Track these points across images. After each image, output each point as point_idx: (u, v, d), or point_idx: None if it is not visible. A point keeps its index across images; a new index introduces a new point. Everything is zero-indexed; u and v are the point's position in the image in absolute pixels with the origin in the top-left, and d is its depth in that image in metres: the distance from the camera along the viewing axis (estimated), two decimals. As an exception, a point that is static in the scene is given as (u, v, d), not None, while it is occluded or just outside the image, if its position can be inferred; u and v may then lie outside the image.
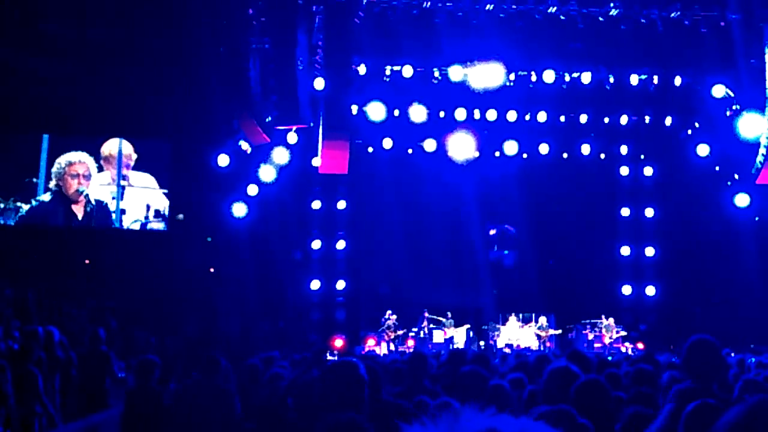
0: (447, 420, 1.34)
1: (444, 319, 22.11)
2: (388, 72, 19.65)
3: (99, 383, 10.20)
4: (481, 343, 22.14)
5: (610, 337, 21.78)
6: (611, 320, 22.07)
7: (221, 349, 13.05)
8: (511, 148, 22.50)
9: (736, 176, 20.63)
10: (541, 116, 21.30)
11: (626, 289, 24.08)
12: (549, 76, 19.56)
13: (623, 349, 21.22)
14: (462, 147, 22.08)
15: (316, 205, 22.81)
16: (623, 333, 22.06)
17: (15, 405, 7.44)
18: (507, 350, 19.42)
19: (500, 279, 24.44)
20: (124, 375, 11.03)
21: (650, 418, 4.01)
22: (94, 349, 10.41)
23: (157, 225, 21.15)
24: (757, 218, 21.25)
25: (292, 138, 19.79)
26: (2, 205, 20.46)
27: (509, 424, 1.34)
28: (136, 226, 21.05)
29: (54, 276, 18.60)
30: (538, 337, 22.07)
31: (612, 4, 18.13)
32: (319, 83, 17.75)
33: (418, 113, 20.72)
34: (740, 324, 19.86)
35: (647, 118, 22.05)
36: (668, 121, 22.00)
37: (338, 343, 20.87)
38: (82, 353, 10.65)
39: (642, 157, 24.17)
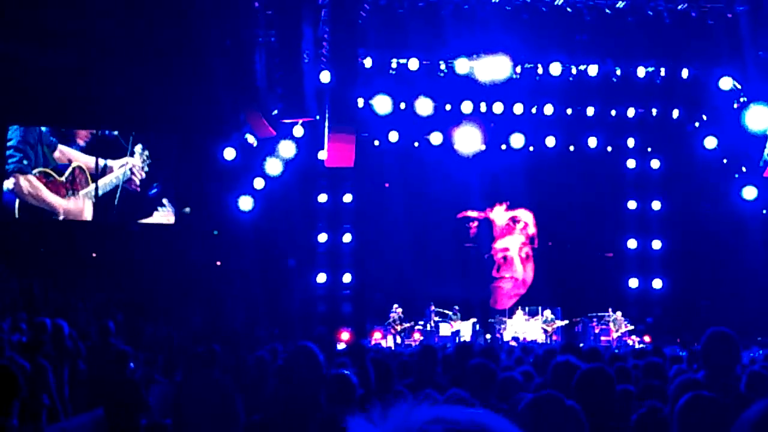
0: (397, 413, 1.34)
1: (450, 312, 22.10)
2: (394, 65, 19.62)
3: (107, 376, 10.20)
4: (488, 336, 22.12)
5: (617, 330, 21.74)
6: (619, 314, 22.02)
7: (227, 342, 13.07)
8: (517, 141, 22.46)
9: (744, 169, 20.58)
10: (548, 109, 21.25)
11: (633, 282, 24.03)
12: (555, 68, 19.49)
13: (630, 342, 21.20)
14: (468, 140, 22.05)
15: (323, 198, 22.79)
16: (631, 327, 22.02)
17: (24, 397, 7.45)
18: (513, 343, 19.40)
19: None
20: (133, 367, 11.04)
21: (664, 414, 3.99)
22: (103, 342, 10.43)
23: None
24: (764, 211, 21.20)
25: (298, 131, 19.78)
26: None
27: (456, 412, 1.35)
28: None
29: (61, 269, 18.64)
30: (545, 330, 22.05)
31: (618, -4, 18.07)
32: (325, 76, 17.70)
33: (424, 106, 20.68)
34: (747, 317, 19.79)
35: (654, 111, 21.98)
36: (675, 113, 21.93)
37: (345, 336, 20.86)
38: (91, 346, 10.67)
39: (649, 149, 24.11)
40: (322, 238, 22.65)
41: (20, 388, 4.10)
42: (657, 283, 23.82)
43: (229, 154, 19.46)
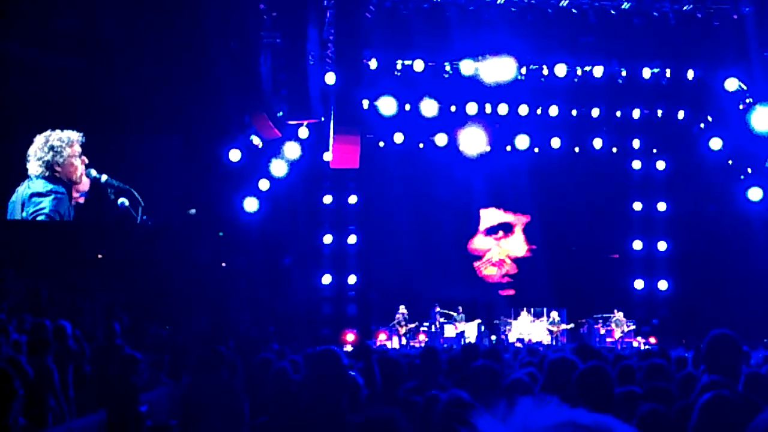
0: (524, 412, 1.34)
1: (455, 314, 22.10)
2: (399, 66, 19.63)
3: (112, 377, 10.22)
4: (493, 337, 22.11)
5: (622, 331, 21.73)
6: (620, 314, 22.01)
7: (232, 343, 13.09)
8: (522, 142, 22.44)
9: (749, 170, 20.54)
10: (553, 110, 21.22)
11: (638, 284, 23.99)
12: (561, 69, 19.48)
13: (635, 344, 21.17)
14: (473, 141, 22.05)
15: (328, 199, 22.81)
16: (632, 327, 22.01)
17: (30, 398, 7.48)
18: (518, 345, 19.38)
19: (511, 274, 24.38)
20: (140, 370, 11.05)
21: (666, 416, 3.99)
22: (109, 343, 10.45)
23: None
24: (770, 212, 21.13)
25: (303, 133, 19.81)
26: None
27: (587, 417, 1.35)
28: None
29: (66, 270, 18.67)
30: (550, 331, 22.04)
31: (624, -3, 18.06)
32: (330, 78, 17.73)
33: (429, 107, 20.68)
34: (753, 318, 19.75)
35: (659, 112, 21.94)
36: (680, 114, 21.89)
37: (350, 337, 20.89)
38: (96, 347, 10.69)
39: (654, 151, 24.08)
40: (327, 239, 22.67)
41: (16, 389, 4.11)
42: (662, 285, 23.77)
43: (235, 155, 19.49)
